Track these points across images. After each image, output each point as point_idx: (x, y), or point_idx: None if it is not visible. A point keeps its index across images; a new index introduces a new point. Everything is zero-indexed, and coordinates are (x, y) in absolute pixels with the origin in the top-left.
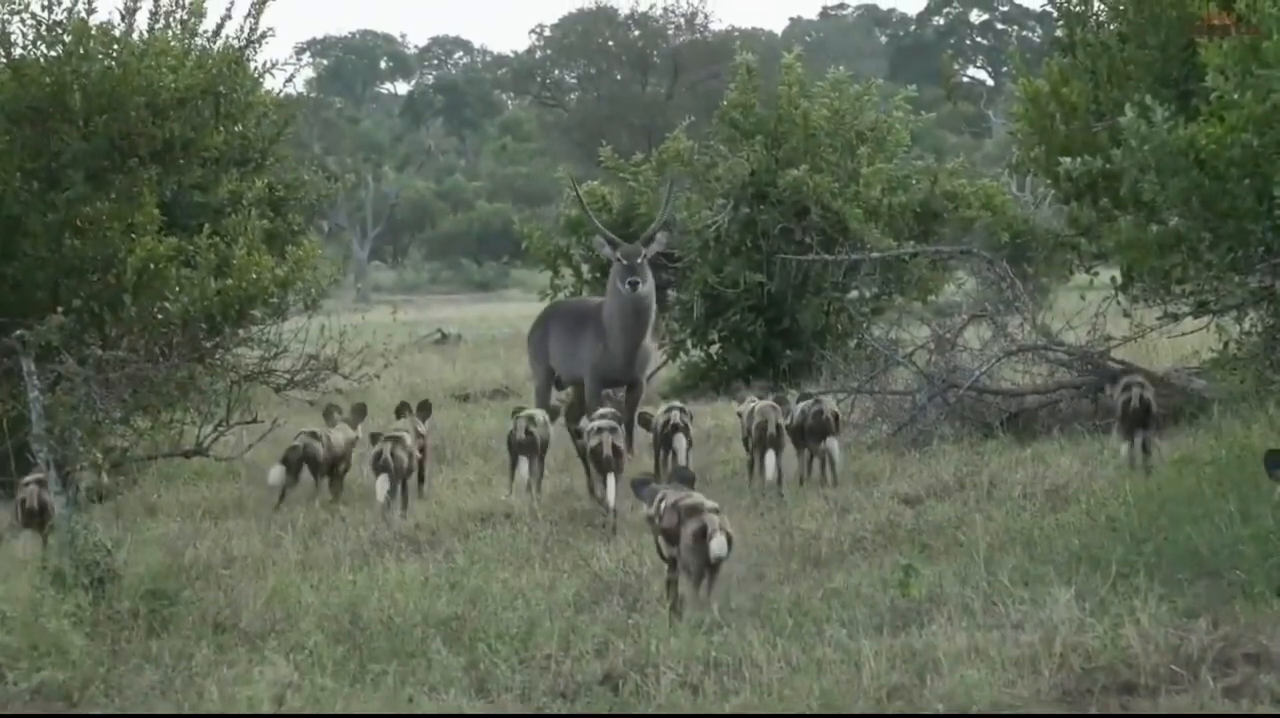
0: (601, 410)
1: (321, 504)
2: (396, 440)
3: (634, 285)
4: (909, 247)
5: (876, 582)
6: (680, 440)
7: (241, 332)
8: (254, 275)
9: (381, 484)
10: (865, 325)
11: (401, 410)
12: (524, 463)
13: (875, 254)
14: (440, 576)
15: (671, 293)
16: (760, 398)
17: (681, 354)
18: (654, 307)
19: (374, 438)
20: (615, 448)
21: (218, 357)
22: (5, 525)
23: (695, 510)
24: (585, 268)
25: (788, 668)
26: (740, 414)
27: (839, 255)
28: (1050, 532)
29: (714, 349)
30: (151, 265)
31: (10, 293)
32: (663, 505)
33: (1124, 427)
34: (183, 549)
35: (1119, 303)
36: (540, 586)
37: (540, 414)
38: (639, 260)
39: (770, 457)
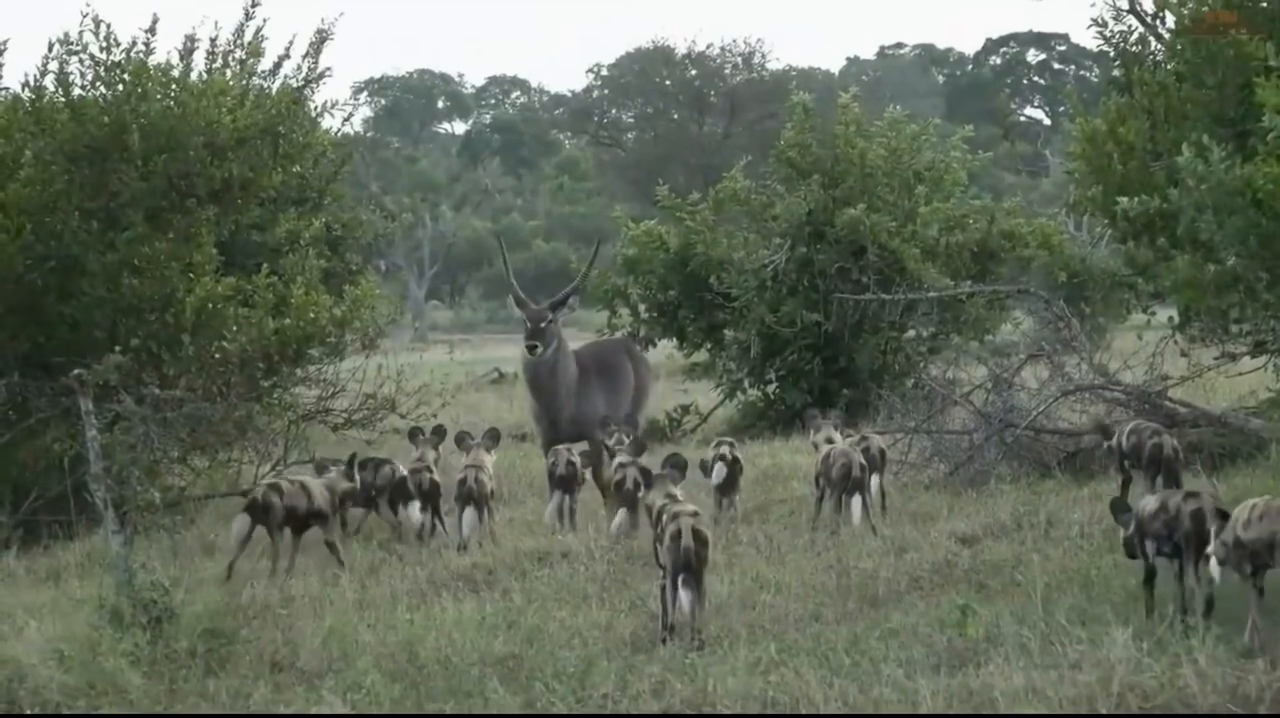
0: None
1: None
2: (479, 468)
3: (530, 349)
4: (966, 286)
5: (933, 621)
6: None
7: (299, 371)
8: (311, 315)
9: (469, 517)
10: (922, 365)
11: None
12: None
13: (932, 293)
14: (497, 615)
15: (728, 332)
16: (836, 428)
17: (739, 393)
18: (563, 370)
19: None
20: (637, 482)
21: (275, 396)
22: (64, 565)
23: (675, 516)
24: (642, 307)
25: (845, 708)
26: (816, 445)
27: (896, 295)
28: (1108, 571)
29: (771, 388)
30: (209, 305)
31: (69, 332)
32: (659, 503)
33: (1150, 472)
34: (240, 588)
35: (1176, 342)
36: (597, 625)
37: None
38: (542, 324)
39: (856, 500)
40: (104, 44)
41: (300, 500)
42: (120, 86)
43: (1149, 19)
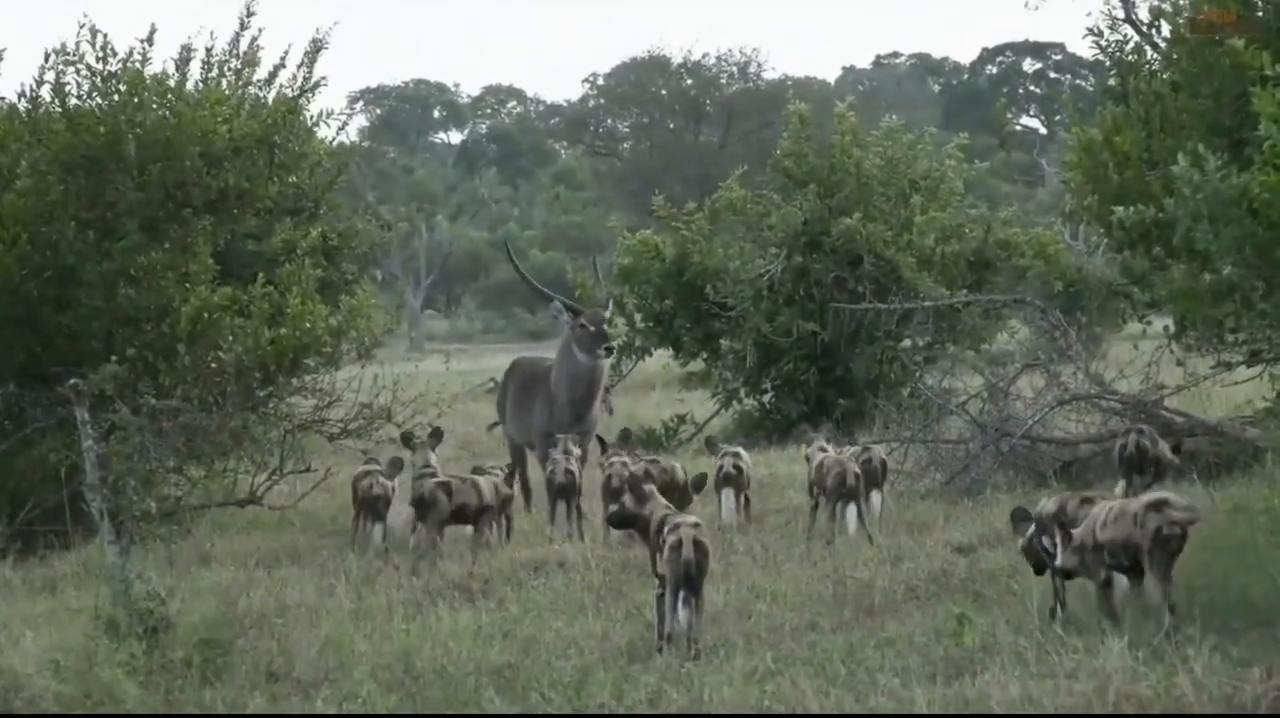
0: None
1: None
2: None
3: (609, 352)
4: (962, 295)
5: (930, 631)
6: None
7: (295, 381)
8: (308, 324)
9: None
10: (918, 374)
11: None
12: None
13: (928, 303)
14: (493, 624)
15: (724, 342)
16: (826, 441)
17: (735, 403)
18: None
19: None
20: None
21: (271, 406)
22: (60, 575)
23: (675, 527)
24: (638, 317)
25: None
26: (809, 459)
27: (892, 304)
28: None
29: (767, 398)
30: (205, 315)
31: (65, 342)
32: (658, 514)
33: (1123, 470)
34: (236, 598)
35: (1172, 352)
36: (593, 635)
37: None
38: (607, 329)
39: (851, 509)
40: (100, 54)
41: (471, 497)
42: (116, 97)
43: (1145, 28)
